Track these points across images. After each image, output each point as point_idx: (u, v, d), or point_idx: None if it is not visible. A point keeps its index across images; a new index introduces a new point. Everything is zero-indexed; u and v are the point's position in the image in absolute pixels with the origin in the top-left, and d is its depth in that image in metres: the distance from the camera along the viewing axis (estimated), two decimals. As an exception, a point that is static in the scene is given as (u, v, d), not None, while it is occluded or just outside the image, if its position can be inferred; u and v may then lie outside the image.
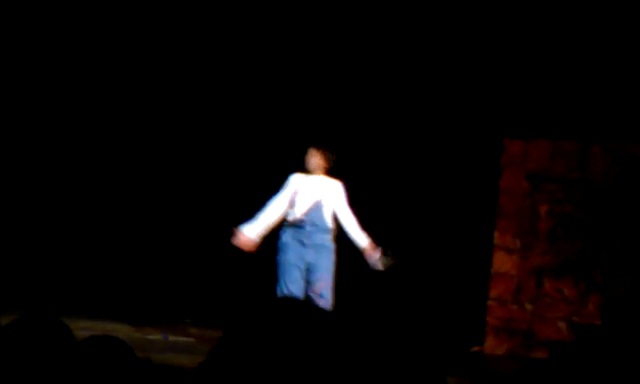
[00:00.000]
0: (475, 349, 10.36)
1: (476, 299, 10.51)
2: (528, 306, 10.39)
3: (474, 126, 10.99)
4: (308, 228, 8.84)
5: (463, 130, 11.07)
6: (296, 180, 8.90)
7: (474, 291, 10.58)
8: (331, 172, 8.94)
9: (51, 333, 2.44)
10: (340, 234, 9.05)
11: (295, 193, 8.88)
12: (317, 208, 8.89)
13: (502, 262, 10.51)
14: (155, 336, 9.60)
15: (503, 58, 10.78)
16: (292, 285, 8.87)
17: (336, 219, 8.90)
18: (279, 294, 8.86)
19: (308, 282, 8.89)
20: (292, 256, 8.83)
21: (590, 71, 10.42)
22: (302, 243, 8.83)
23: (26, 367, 2.38)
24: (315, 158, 8.90)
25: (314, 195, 8.91)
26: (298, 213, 8.83)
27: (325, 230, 8.88)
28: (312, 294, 8.85)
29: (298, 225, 8.84)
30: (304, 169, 8.88)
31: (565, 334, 10.07)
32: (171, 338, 9.69)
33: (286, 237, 8.87)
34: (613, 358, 7.85)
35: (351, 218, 8.90)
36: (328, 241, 8.86)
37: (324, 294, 8.83)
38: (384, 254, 8.86)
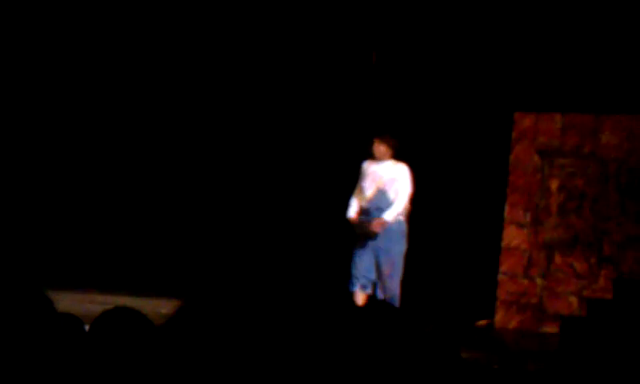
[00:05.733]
0: (481, 323, 10.35)
1: (487, 273, 10.51)
2: (538, 281, 10.38)
3: (485, 101, 10.95)
4: (374, 213, 9.27)
5: (474, 104, 11.03)
6: (365, 167, 9.42)
7: (484, 265, 10.57)
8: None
9: (32, 305, 2.43)
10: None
11: (363, 179, 9.39)
12: (381, 193, 9.31)
13: (513, 237, 10.49)
14: (167, 309, 9.60)
15: (513, 31, 10.73)
16: (364, 269, 9.33)
17: (409, 201, 9.35)
18: (353, 277, 9.37)
19: (377, 266, 9.32)
20: (362, 241, 9.28)
21: (600, 43, 10.37)
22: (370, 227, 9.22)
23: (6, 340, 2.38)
24: (380, 147, 9.35)
25: (378, 181, 9.34)
26: (364, 199, 9.31)
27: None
28: (380, 279, 9.22)
29: (365, 210, 9.29)
30: (372, 156, 9.39)
31: (575, 308, 10.06)
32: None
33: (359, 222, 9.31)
34: (624, 333, 7.84)
35: (403, 197, 9.28)
36: (397, 225, 9.24)
37: (392, 275, 9.26)
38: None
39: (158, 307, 9.57)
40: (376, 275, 9.32)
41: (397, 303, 9.13)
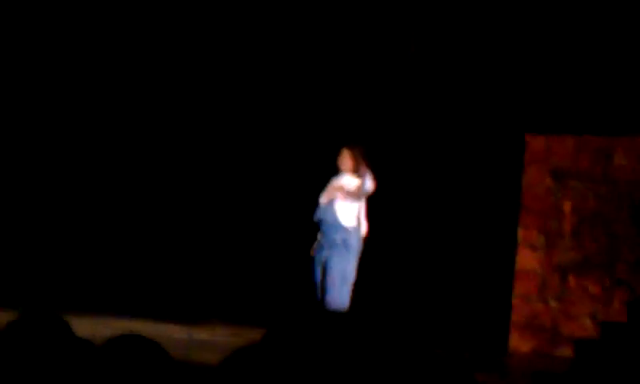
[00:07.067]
0: None
1: (501, 297, 10.49)
2: (553, 303, 10.36)
3: (497, 123, 10.96)
4: (323, 226, 9.08)
5: (486, 126, 11.04)
6: (331, 181, 9.18)
7: (498, 289, 10.55)
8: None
9: (50, 330, 2.44)
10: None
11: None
12: (329, 206, 9.06)
13: (527, 259, 10.48)
14: (180, 334, 9.61)
15: (526, 53, 10.75)
16: (316, 283, 9.16)
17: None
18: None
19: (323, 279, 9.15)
20: (317, 255, 9.12)
21: (612, 64, 10.37)
22: (320, 242, 9.08)
23: (24, 366, 2.39)
24: (342, 158, 9.15)
25: (329, 194, 9.13)
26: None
27: (338, 228, 9.01)
28: (324, 291, 9.09)
29: (319, 224, 9.10)
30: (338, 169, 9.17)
31: (590, 330, 10.03)
32: (196, 336, 9.71)
33: (319, 236, 9.13)
34: (638, 355, 7.81)
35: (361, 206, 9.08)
36: (341, 239, 9.00)
37: (331, 290, 9.00)
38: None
39: (173, 332, 9.59)
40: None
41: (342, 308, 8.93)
